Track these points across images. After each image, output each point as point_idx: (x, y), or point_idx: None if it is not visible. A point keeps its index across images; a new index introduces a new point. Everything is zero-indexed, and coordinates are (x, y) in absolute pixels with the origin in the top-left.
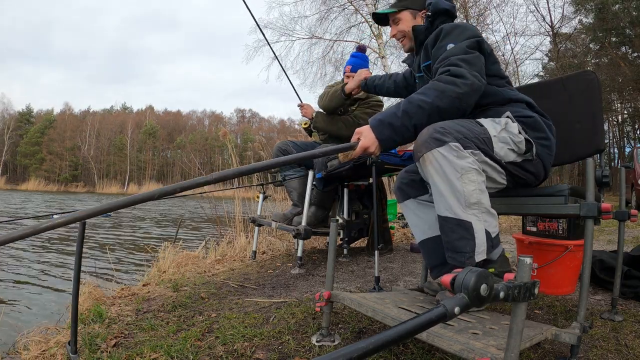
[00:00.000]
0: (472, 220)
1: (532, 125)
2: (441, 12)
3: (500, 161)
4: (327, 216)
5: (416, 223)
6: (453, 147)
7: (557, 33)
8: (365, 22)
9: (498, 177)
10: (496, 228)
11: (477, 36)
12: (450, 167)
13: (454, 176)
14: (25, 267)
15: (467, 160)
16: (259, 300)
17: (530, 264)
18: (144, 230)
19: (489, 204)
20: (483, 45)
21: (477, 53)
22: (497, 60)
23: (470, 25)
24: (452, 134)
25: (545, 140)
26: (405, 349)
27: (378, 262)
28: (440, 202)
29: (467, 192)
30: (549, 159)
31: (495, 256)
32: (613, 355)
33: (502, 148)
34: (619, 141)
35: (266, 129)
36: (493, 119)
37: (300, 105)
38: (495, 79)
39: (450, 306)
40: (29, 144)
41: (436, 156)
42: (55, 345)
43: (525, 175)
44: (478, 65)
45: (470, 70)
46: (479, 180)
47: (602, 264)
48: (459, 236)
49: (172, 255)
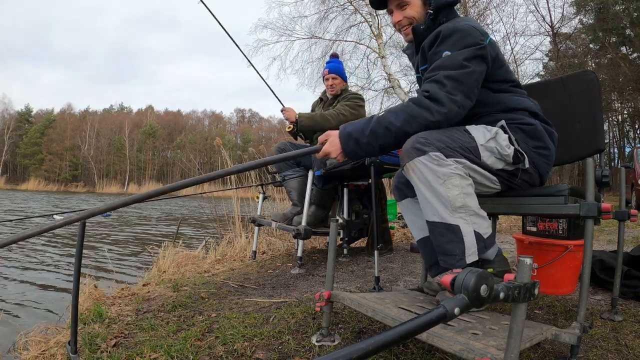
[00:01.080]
0: (459, 224)
1: (531, 133)
2: (444, 6)
3: (490, 168)
4: (327, 216)
5: (414, 222)
6: (433, 157)
7: (557, 33)
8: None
9: (489, 182)
10: (488, 229)
11: (478, 43)
12: (432, 175)
13: (436, 183)
14: (26, 267)
15: (449, 168)
16: (259, 300)
17: (530, 265)
18: (144, 230)
19: (476, 206)
20: (486, 51)
21: (472, 67)
22: (503, 63)
23: (472, 29)
24: (434, 143)
25: (544, 149)
26: (405, 349)
27: (378, 262)
28: (427, 208)
29: (451, 197)
30: (546, 168)
31: (491, 256)
32: (613, 355)
33: (489, 157)
34: (619, 141)
35: (266, 129)
36: (485, 126)
37: (283, 109)
38: (500, 85)
39: (450, 307)
40: (29, 144)
41: (418, 165)
42: (55, 345)
43: (518, 181)
44: (468, 84)
45: (453, 93)
46: (463, 185)
47: (602, 264)
48: (448, 240)
49: (172, 255)
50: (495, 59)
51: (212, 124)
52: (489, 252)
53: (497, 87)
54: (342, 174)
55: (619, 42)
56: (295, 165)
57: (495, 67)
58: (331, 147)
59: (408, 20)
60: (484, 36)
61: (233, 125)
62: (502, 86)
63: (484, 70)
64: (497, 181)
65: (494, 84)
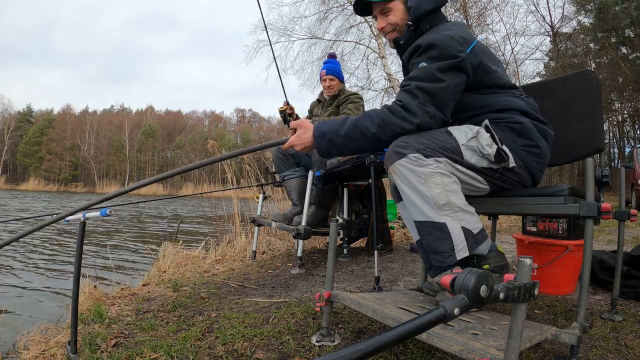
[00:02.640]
0: (445, 221)
1: (520, 132)
2: (424, 15)
3: (474, 167)
4: (327, 216)
5: (412, 222)
6: (412, 158)
7: (557, 33)
8: (365, 22)
9: (475, 182)
10: (477, 224)
11: (455, 56)
12: (413, 175)
13: (418, 182)
14: (26, 267)
15: (429, 167)
16: (259, 300)
17: (530, 265)
18: (144, 230)
19: (462, 203)
20: (464, 63)
21: (447, 82)
22: (489, 70)
23: (450, 40)
24: (413, 145)
25: (534, 147)
26: (405, 349)
27: (378, 262)
28: (413, 209)
29: (434, 195)
30: (537, 166)
31: (484, 251)
32: (613, 355)
33: (472, 156)
34: (619, 141)
35: (266, 129)
36: (469, 126)
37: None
38: (487, 90)
39: (450, 307)
40: (29, 144)
41: (399, 168)
42: (55, 345)
43: (507, 180)
44: (441, 98)
45: (426, 104)
46: (445, 182)
47: (602, 264)
48: (435, 237)
49: (172, 255)
50: (478, 67)
51: (212, 124)
52: (481, 247)
53: (485, 92)
54: (342, 174)
55: (619, 42)
56: (295, 165)
57: (479, 74)
58: (298, 140)
59: (391, 27)
60: (463, 46)
61: (233, 125)
62: (490, 90)
63: (462, 81)
64: (483, 180)
65: (481, 90)
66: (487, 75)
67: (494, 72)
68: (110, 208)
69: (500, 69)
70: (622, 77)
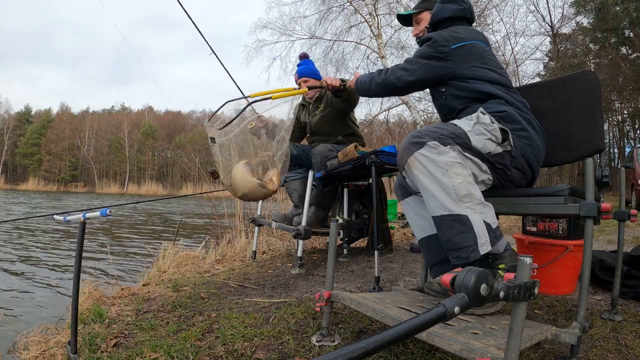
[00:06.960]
0: (467, 213)
1: (505, 118)
2: (440, 21)
3: (481, 153)
4: (327, 216)
5: (416, 221)
6: (432, 145)
7: (557, 33)
8: (365, 22)
9: (481, 174)
10: (495, 219)
11: (438, 48)
12: (434, 165)
13: (439, 173)
14: (26, 266)
15: (448, 155)
16: (259, 300)
17: (530, 264)
18: (144, 230)
19: (481, 196)
20: (444, 54)
21: (425, 61)
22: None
23: (441, 37)
24: (428, 134)
25: (522, 131)
26: (405, 349)
27: (378, 262)
28: (433, 203)
29: (456, 186)
30: (530, 152)
31: (501, 248)
32: (613, 355)
33: (479, 140)
34: (619, 141)
35: None
36: (466, 117)
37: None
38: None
39: (450, 306)
40: (28, 145)
41: (418, 158)
42: (55, 345)
43: (510, 170)
44: (416, 70)
45: (402, 71)
46: (465, 174)
47: (602, 264)
48: (458, 231)
49: (172, 255)
50: (462, 58)
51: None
52: (499, 243)
53: (472, 82)
54: (342, 174)
55: (619, 42)
56: (298, 167)
57: (463, 66)
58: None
59: (423, 33)
60: (448, 42)
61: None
62: (478, 82)
63: (441, 66)
64: (487, 170)
65: (468, 80)
66: (473, 70)
67: (483, 68)
68: (110, 208)
69: (496, 68)
70: (622, 77)
